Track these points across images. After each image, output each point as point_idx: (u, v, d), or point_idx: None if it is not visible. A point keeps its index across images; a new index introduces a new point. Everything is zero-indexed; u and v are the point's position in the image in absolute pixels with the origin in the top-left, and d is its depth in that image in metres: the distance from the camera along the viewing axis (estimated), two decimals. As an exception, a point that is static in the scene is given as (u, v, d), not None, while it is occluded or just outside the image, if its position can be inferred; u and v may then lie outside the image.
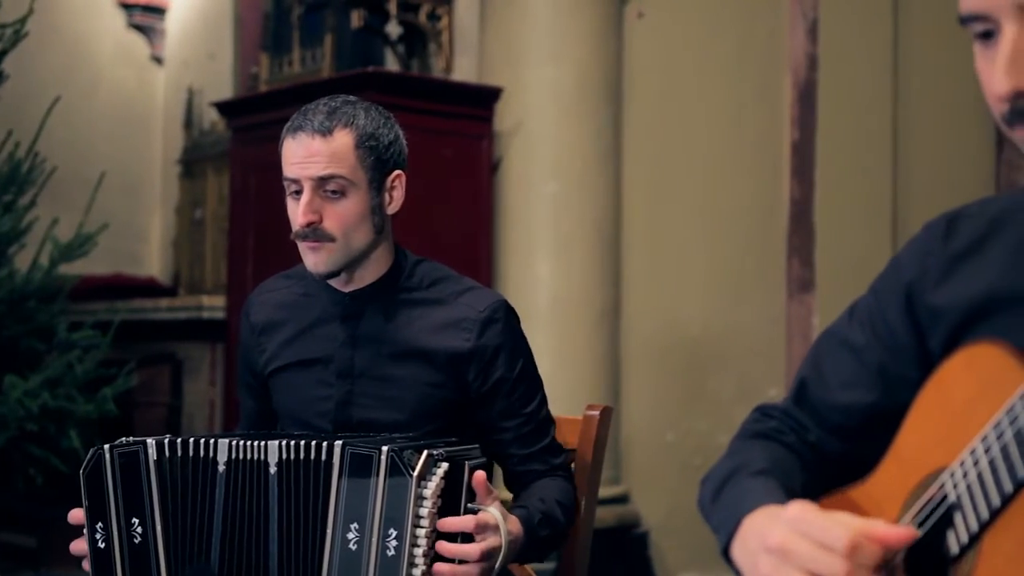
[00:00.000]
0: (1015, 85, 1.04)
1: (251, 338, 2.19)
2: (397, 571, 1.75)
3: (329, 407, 2.07)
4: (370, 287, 2.07)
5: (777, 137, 4.67)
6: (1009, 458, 1.01)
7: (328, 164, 1.96)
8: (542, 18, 4.33)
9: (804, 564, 1.05)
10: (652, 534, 4.49)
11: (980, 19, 1.07)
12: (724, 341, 4.58)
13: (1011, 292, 1.17)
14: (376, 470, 1.78)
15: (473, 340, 2.03)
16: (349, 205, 1.98)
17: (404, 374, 2.04)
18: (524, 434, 2.07)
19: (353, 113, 2.00)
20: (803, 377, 1.37)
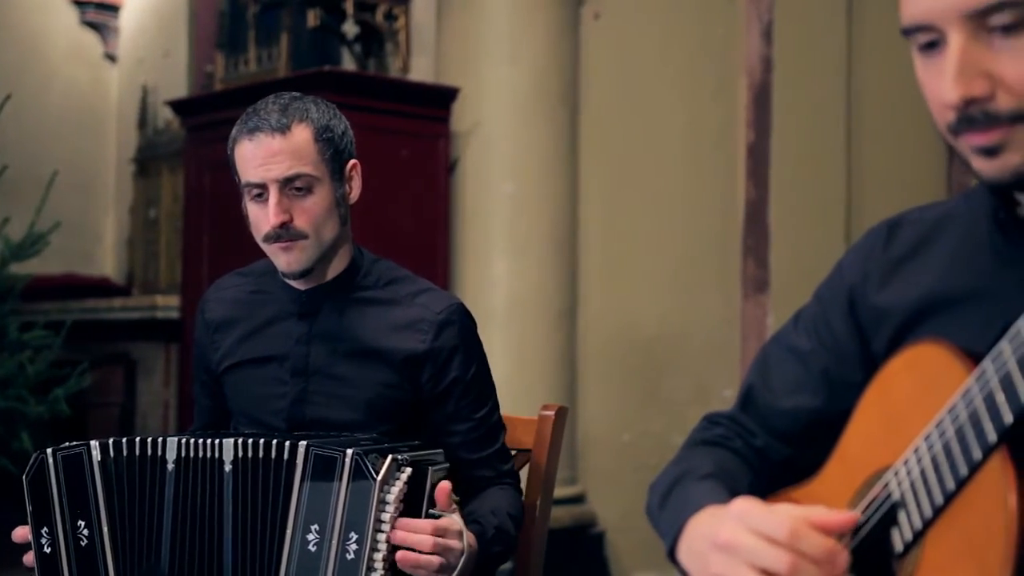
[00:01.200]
0: (964, 93, 1.05)
1: (206, 335, 2.18)
2: (356, 575, 1.75)
3: (283, 405, 2.05)
4: (327, 284, 2.06)
5: (732, 138, 4.70)
6: (952, 456, 1.03)
7: (292, 163, 1.95)
8: (499, 19, 4.33)
9: (750, 558, 1.06)
10: (608, 534, 4.50)
11: (925, 29, 1.09)
12: (680, 341, 4.61)
13: (950, 293, 1.19)
14: (339, 472, 1.77)
15: (429, 342, 2.02)
16: (317, 200, 1.98)
17: (359, 373, 2.03)
18: (473, 439, 2.06)
19: (305, 108, 2.00)
20: (750, 384, 1.38)
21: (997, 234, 1.16)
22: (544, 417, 2.27)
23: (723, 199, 4.68)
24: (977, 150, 1.08)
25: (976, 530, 1.00)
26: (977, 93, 1.06)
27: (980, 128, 1.07)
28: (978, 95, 1.06)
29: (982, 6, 1.04)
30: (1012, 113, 1.05)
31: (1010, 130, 1.06)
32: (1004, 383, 0.99)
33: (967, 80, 1.05)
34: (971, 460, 1.01)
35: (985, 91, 1.05)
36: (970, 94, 1.05)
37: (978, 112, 1.06)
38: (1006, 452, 0.99)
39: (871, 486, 1.14)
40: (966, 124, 1.07)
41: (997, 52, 1.05)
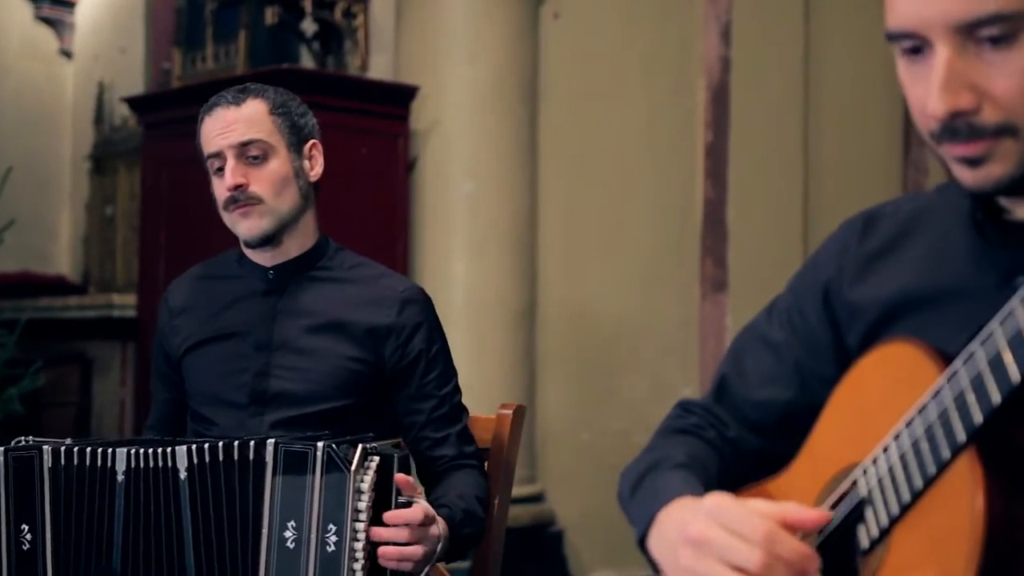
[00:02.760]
0: (950, 106, 1.05)
1: (168, 322, 2.19)
2: (338, 567, 1.74)
3: (246, 379, 2.06)
4: (294, 261, 2.11)
5: (691, 138, 4.72)
6: (920, 455, 1.04)
7: (247, 129, 2.03)
8: (458, 17, 4.33)
9: (722, 554, 1.06)
10: (567, 533, 4.51)
11: (910, 36, 1.09)
12: (639, 340, 4.62)
13: (925, 291, 1.19)
14: (312, 467, 1.77)
15: (393, 316, 2.07)
16: (273, 167, 2.05)
17: (322, 346, 2.05)
18: (437, 417, 2.08)
19: (263, 88, 2.10)
20: (723, 373, 1.38)
21: (973, 234, 1.17)
22: (502, 416, 2.27)
23: (682, 198, 4.70)
24: (960, 160, 1.08)
25: (942, 529, 1.00)
26: (963, 106, 1.05)
27: (964, 139, 1.07)
28: (964, 108, 1.05)
29: (971, 18, 1.03)
30: (997, 126, 1.05)
31: (994, 142, 1.06)
32: (975, 383, 1.00)
33: (953, 93, 1.05)
34: (940, 459, 1.01)
35: (971, 104, 1.05)
36: (957, 107, 1.05)
37: (963, 124, 1.06)
38: (975, 452, 0.99)
39: (839, 482, 1.14)
40: (950, 135, 1.07)
41: (985, 64, 1.05)
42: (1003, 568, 0.96)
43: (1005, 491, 0.97)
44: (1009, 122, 1.06)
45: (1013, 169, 1.07)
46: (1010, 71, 1.04)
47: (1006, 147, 1.06)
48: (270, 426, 2.01)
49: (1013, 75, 1.04)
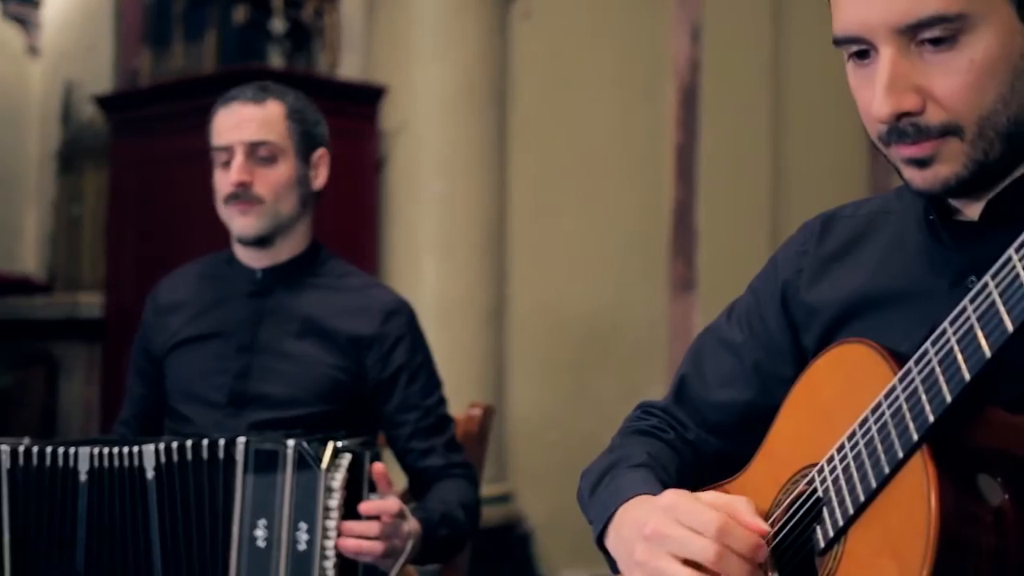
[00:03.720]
0: (895, 107, 1.07)
1: (154, 318, 2.20)
2: (309, 565, 1.74)
3: (225, 380, 2.07)
4: (284, 264, 2.12)
5: (661, 139, 4.74)
6: (875, 455, 1.05)
7: (260, 129, 2.05)
8: (428, 17, 4.32)
9: (677, 549, 1.07)
10: (536, 532, 4.51)
11: (856, 41, 1.10)
12: (608, 340, 4.63)
13: (880, 293, 1.21)
14: (282, 465, 1.77)
15: (376, 327, 2.08)
16: (279, 171, 2.07)
17: (304, 351, 2.06)
18: (423, 428, 2.09)
19: (283, 91, 2.12)
20: (683, 375, 1.39)
21: (927, 236, 1.18)
22: (471, 415, 2.28)
23: (651, 199, 4.72)
24: (908, 161, 1.10)
25: (897, 528, 1.01)
26: (908, 107, 1.07)
27: (911, 141, 1.08)
28: (909, 109, 1.07)
29: (913, 21, 1.05)
30: (942, 127, 1.07)
31: (940, 142, 1.07)
32: (927, 384, 1.01)
33: (898, 94, 1.06)
34: (894, 459, 1.02)
35: (916, 105, 1.07)
36: (901, 108, 1.07)
37: (909, 125, 1.07)
38: (928, 451, 1.00)
39: (797, 482, 1.15)
40: (897, 136, 1.09)
41: (927, 66, 1.06)
42: (957, 565, 0.97)
43: (958, 489, 0.99)
44: (953, 122, 1.07)
45: (960, 169, 1.08)
46: (952, 72, 1.06)
47: (952, 147, 1.08)
48: (247, 427, 2.01)
49: (955, 76, 1.06)
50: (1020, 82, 1.07)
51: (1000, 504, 0.99)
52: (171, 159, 4.20)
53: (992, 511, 0.99)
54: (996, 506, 0.99)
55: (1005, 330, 0.95)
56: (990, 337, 0.96)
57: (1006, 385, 1.04)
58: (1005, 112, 1.07)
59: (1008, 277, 0.95)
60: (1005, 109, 1.07)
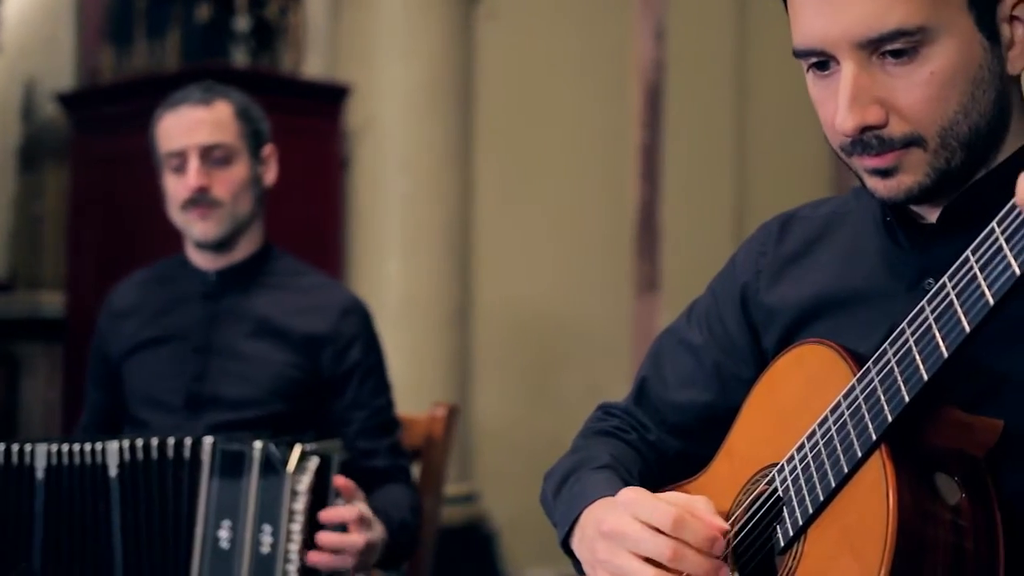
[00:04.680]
0: (859, 122, 1.07)
1: (109, 324, 2.19)
2: (272, 568, 1.74)
3: (182, 383, 2.06)
4: (238, 265, 2.11)
5: (625, 139, 4.75)
6: (834, 454, 1.06)
7: (213, 132, 2.05)
8: (393, 16, 4.32)
9: (634, 546, 1.08)
10: (501, 532, 4.52)
11: (816, 54, 1.10)
12: (573, 340, 4.64)
13: (839, 294, 1.21)
14: (248, 466, 1.76)
15: (331, 325, 2.08)
16: (235, 172, 2.06)
17: (259, 351, 2.06)
18: (371, 427, 2.08)
19: (226, 90, 2.11)
20: (643, 376, 1.40)
21: (885, 238, 1.19)
22: (435, 415, 2.28)
23: (616, 199, 4.73)
24: (871, 171, 1.11)
25: (856, 526, 1.02)
26: (871, 121, 1.08)
27: (874, 152, 1.09)
28: (872, 123, 1.08)
29: (874, 35, 1.06)
30: (905, 138, 1.08)
31: (903, 153, 1.08)
32: (885, 384, 1.02)
33: (861, 108, 1.07)
34: (853, 458, 1.03)
35: (878, 118, 1.07)
36: (865, 122, 1.07)
37: (872, 138, 1.08)
38: (886, 451, 1.01)
39: (757, 482, 1.16)
40: (860, 148, 1.09)
41: (889, 79, 1.07)
42: (915, 563, 0.98)
43: (915, 488, 1.00)
44: (915, 133, 1.08)
45: (923, 178, 1.09)
46: (913, 84, 1.07)
47: (915, 157, 1.09)
48: (205, 429, 2.00)
49: (916, 88, 1.07)
50: (979, 91, 1.08)
51: (957, 503, 1.00)
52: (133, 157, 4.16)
53: (949, 509, 1.00)
54: (953, 504, 1.00)
55: (963, 331, 0.96)
56: (947, 338, 0.97)
57: (963, 385, 1.06)
58: (966, 121, 1.08)
59: (965, 279, 0.96)
60: (966, 119, 1.08)
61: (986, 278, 0.94)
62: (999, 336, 1.05)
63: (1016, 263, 0.91)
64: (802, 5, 1.11)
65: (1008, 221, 0.92)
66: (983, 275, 0.94)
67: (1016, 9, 1.09)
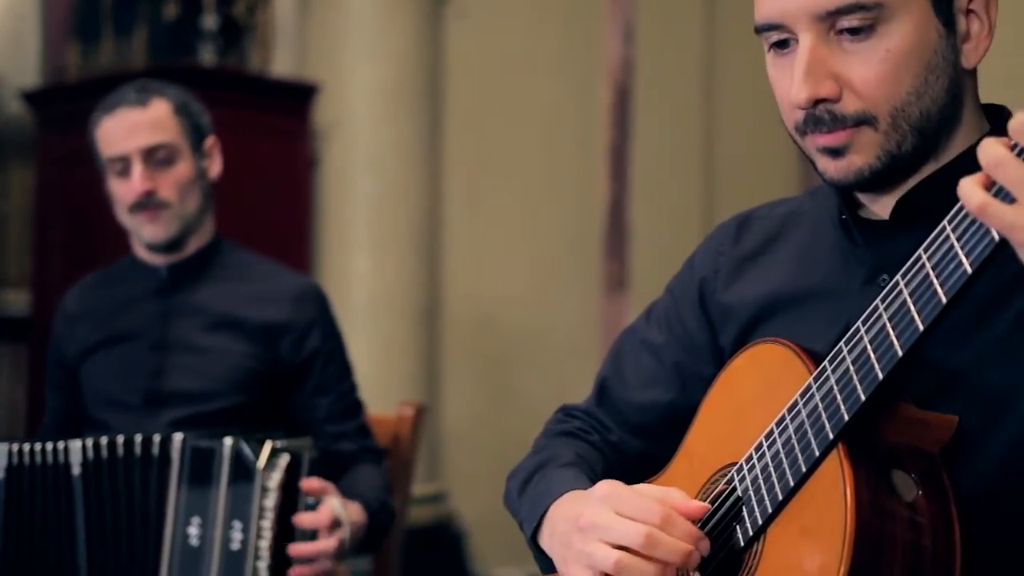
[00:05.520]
0: (812, 93, 1.08)
1: (64, 328, 2.18)
2: (242, 565, 1.73)
3: (140, 381, 2.04)
4: (189, 259, 2.10)
5: (595, 139, 4.76)
6: (792, 454, 1.06)
7: (153, 133, 2.02)
8: (362, 15, 4.31)
9: (610, 536, 1.08)
10: (470, 532, 4.51)
11: (776, 28, 1.12)
12: (541, 340, 4.65)
13: (795, 293, 1.22)
14: (218, 463, 1.75)
15: (288, 313, 2.07)
16: (180, 170, 2.05)
17: (216, 344, 2.05)
18: (337, 412, 2.09)
19: (162, 87, 2.09)
20: (604, 377, 1.40)
21: (840, 235, 1.20)
22: (403, 414, 2.27)
23: (585, 198, 4.74)
24: (823, 150, 1.12)
25: (815, 525, 1.03)
26: (825, 94, 1.09)
27: (826, 129, 1.10)
28: (826, 96, 1.09)
29: (832, 7, 1.07)
30: (857, 116, 1.09)
31: (855, 132, 1.09)
32: (842, 383, 1.03)
33: (815, 80, 1.08)
34: (811, 458, 1.04)
35: (832, 92, 1.09)
36: (818, 94, 1.09)
37: (825, 113, 1.09)
38: (844, 449, 1.02)
39: (716, 482, 1.16)
40: (813, 124, 1.10)
41: (845, 55, 1.08)
42: (873, 560, 0.99)
43: (873, 486, 1.00)
44: (868, 112, 1.09)
45: (873, 160, 1.10)
46: (868, 61, 1.08)
47: (866, 137, 1.10)
48: (166, 426, 1.99)
49: (871, 65, 1.08)
50: (932, 76, 1.09)
51: (914, 499, 1.01)
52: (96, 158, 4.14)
53: (907, 506, 1.01)
54: (910, 501, 1.01)
55: (917, 330, 0.97)
56: (901, 337, 0.98)
57: (918, 382, 1.07)
58: (917, 104, 1.09)
59: (918, 277, 0.97)
60: (918, 102, 1.09)
61: (939, 276, 0.94)
62: (953, 333, 1.06)
63: (967, 261, 0.92)
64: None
65: (959, 219, 0.93)
66: (935, 274, 0.95)
67: (973, 2, 1.10)
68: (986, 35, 1.11)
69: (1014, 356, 1.07)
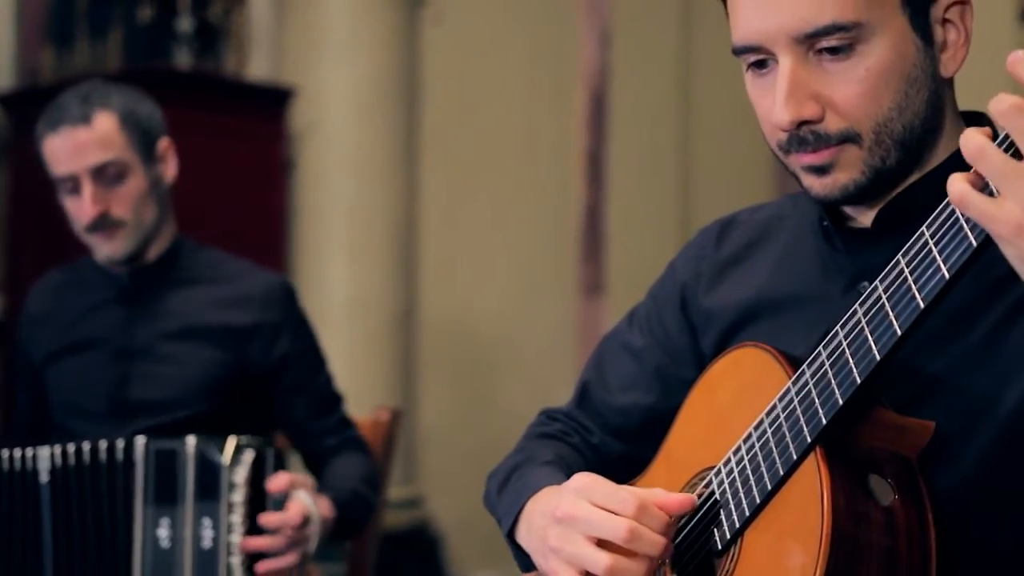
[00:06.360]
0: (795, 116, 1.08)
1: (27, 330, 2.15)
2: (215, 562, 1.73)
3: (104, 390, 2.01)
4: (150, 266, 2.05)
5: (571, 143, 4.77)
6: (770, 457, 1.06)
7: (99, 151, 1.95)
8: (338, 18, 4.31)
9: (588, 528, 1.07)
10: (446, 536, 4.51)
11: (754, 50, 1.12)
12: (518, 344, 4.65)
13: (775, 298, 1.23)
14: (183, 463, 1.74)
15: (255, 316, 2.03)
16: (132, 186, 1.98)
17: (183, 351, 2.01)
18: (316, 408, 2.07)
19: (106, 95, 1.99)
20: (585, 380, 1.40)
21: (821, 241, 1.21)
22: (378, 420, 2.27)
23: (562, 203, 4.74)
24: (807, 168, 1.12)
25: (792, 529, 1.03)
26: (808, 115, 1.09)
27: (811, 148, 1.10)
28: (809, 117, 1.09)
29: (810, 30, 1.07)
30: (841, 134, 1.09)
31: (839, 150, 1.10)
32: (819, 387, 1.03)
33: (797, 102, 1.08)
34: (788, 461, 1.04)
35: (815, 113, 1.09)
36: (801, 116, 1.09)
37: (808, 133, 1.09)
38: (821, 453, 1.02)
39: (694, 485, 1.16)
40: (797, 144, 1.11)
41: (826, 75, 1.08)
42: (850, 564, 0.99)
43: (850, 490, 1.01)
44: (851, 130, 1.09)
45: (858, 176, 1.11)
46: (849, 80, 1.08)
47: (850, 154, 1.10)
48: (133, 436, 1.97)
49: (852, 84, 1.08)
50: (913, 91, 1.09)
51: (891, 504, 1.01)
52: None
53: (883, 511, 1.01)
54: (887, 506, 1.01)
55: (894, 334, 0.97)
56: (879, 341, 0.98)
57: (896, 387, 1.07)
58: (900, 120, 1.09)
59: (896, 282, 0.97)
60: (900, 117, 1.09)
61: (916, 281, 0.95)
62: (931, 338, 1.06)
63: (945, 267, 0.92)
64: (740, 2, 1.12)
65: (937, 225, 0.94)
66: (913, 278, 0.95)
67: (948, 12, 1.10)
68: (963, 43, 1.11)
69: (992, 362, 1.07)
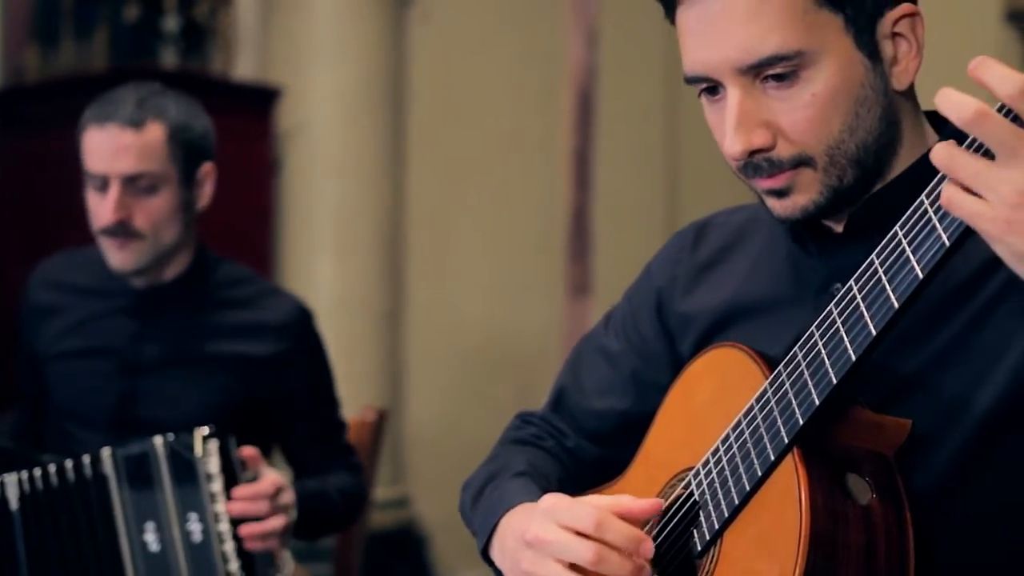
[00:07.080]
0: (746, 146, 1.09)
1: (30, 319, 2.10)
2: (210, 554, 1.72)
3: (108, 402, 1.98)
4: (169, 285, 2.00)
5: (558, 143, 4.77)
6: (748, 458, 1.07)
7: (139, 160, 1.89)
8: (325, 18, 4.30)
9: (557, 552, 1.08)
10: (433, 536, 4.51)
11: (703, 80, 1.12)
12: (505, 344, 4.65)
13: (752, 300, 1.23)
14: (156, 464, 1.73)
15: (268, 347, 2.00)
16: (160, 202, 1.92)
17: (192, 375, 1.98)
18: (318, 435, 2.06)
19: (163, 104, 1.93)
20: (561, 384, 1.40)
21: (794, 245, 1.21)
22: (364, 420, 2.27)
23: (549, 203, 4.75)
24: (767, 192, 1.13)
25: (770, 529, 1.03)
26: (758, 144, 1.09)
27: (766, 174, 1.11)
28: (760, 146, 1.09)
29: (752, 61, 1.07)
30: (794, 159, 1.10)
31: (794, 173, 1.10)
32: (796, 387, 1.03)
33: (747, 132, 1.09)
34: (766, 461, 1.04)
35: (766, 141, 1.09)
36: (752, 146, 1.09)
37: (762, 161, 1.10)
38: (798, 453, 1.02)
39: (673, 486, 1.17)
40: (752, 171, 1.11)
41: (773, 102, 1.09)
42: (828, 563, 0.99)
43: (827, 489, 1.01)
44: (803, 154, 1.10)
45: (816, 197, 1.11)
46: (796, 107, 1.08)
47: (806, 177, 1.11)
48: None
49: (799, 110, 1.08)
50: (864, 110, 1.09)
51: (868, 502, 1.02)
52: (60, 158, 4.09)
53: (861, 509, 1.01)
54: (864, 504, 1.02)
55: (869, 333, 0.98)
56: (855, 341, 0.99)
57: (872, 386, 1.08)
58: (852, 140, 1.09)
59: (871, 282, 0.98)
60: (852, 137, 1.09)
61: (890, 281, 0.95)
62: (906, 337, 1.07)
63: (919, 267, 0.93)
64: (686, 35, 1.13)
65: (910, 225, 0.94)
66: (887, 278, 0.96)
67: (897, 25, 1.10)
68: (915, 55, 1.11)
69: (967, 360, 1.08)
